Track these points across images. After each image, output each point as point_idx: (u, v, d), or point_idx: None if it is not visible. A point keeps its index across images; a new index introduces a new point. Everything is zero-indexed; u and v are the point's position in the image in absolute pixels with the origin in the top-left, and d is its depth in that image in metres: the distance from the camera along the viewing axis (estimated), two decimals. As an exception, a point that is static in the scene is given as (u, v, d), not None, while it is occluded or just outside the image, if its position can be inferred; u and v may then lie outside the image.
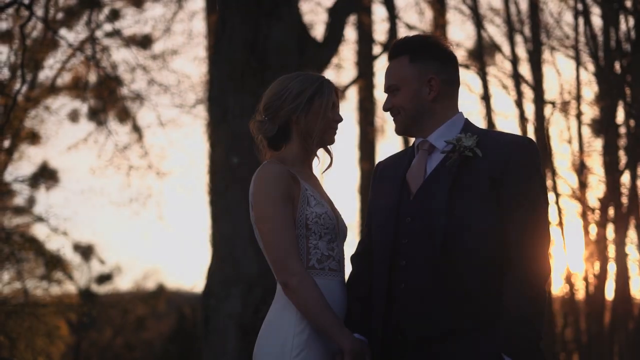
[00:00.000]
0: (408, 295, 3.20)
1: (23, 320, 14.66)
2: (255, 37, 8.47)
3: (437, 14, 12.30)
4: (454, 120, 3.37)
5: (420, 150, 3.38)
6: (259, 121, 3.55)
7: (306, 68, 7.31)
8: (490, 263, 3.14)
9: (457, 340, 3.12)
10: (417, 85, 3.34)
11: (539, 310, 3.09)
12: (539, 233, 3.16)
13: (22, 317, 13.73)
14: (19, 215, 17.98)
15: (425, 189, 3.28)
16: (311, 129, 3.46)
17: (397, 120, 3.41)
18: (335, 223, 3.42)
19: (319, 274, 3.34)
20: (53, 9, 14.48)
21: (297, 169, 3.47)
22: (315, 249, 3.35)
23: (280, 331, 3.28)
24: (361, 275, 3.44)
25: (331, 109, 3.50)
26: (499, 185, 3.16)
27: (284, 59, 8.42)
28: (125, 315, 23.08)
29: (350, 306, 3.39)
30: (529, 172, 3.19)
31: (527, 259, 3.11)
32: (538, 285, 3.11)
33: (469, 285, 3.12)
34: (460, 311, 3.12)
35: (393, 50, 3.43)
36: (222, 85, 8.62)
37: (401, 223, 3.28)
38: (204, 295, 8.98)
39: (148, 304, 23.04)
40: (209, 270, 8.97)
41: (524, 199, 3.15)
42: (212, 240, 9.02)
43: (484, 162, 3.20)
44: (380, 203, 3.44)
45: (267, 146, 3.56)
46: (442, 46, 3.41)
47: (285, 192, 3.31)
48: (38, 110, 15.99)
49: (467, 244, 3.14)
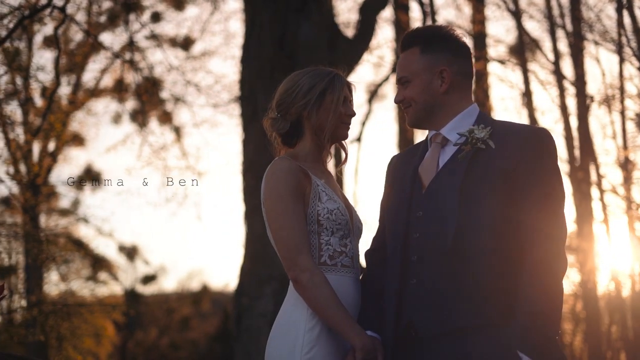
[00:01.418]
0: (419, 291, 3.15)
1: (70, 321, 14.85)
2: (284, 34, 8.47)
3: (475, 10, 12.16)
4: (467, 112, 3.31)
5: (433, 144, 3.33)
6: (272, 118, 3.53)
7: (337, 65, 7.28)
8: (503, 257, 3.06)
9: (470, 337, 3.05)
10: (429, 77, 3.28)
11: (555, 306, 3.01)
12: (555, 226, 3.07)
13: (69, 318, 13.90)
14: (64, 216, 18.23)
15: (437, 182, 3.22)
16: (323, 125, 3.43)
17: (408, 113, 3.36)
18: (348, 219, 3.38)
19: (331, 270, 3.30)
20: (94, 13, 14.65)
21: (310, 164, 3.44)
22: (327, 245, 3.31)
23: (292, 328, 3.25)
24: (374, 271, 3.39)
25: (343, 104, 3.46)
26: (512, 177, 3.08)
27: (313, 55, 8.39)
28: (171, 315, 23.28)
29: (363, 303, 3.35)
30: (544, 163, 3.11)
31: (543, 253, 3.02)
32: (554, 279, 3.02)
33: (482, 280, 3.05)
34: (473, 307, 3.05)
35: (404, 41, 3.38)
36: (252, 84, 8.64)
37: (412, 217, 3.22)
38: (236, 294, 8.98)
39: (193, 303, 23.22)
40: (242, 269, 8.98)
41: (538, 191, 3.07)
42: (245, 239, 9.03)
43: (497, 153, 3.13)
44: (392, 197, 3.39)
45: (281, 143, 3.54)
46: (454, 37, 3.34)
47: (296, 188, 3.28)
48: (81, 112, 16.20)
49: (480, 238, 3.07)
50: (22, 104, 14.46)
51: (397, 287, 3.19)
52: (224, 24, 16.77)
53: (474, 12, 12.39)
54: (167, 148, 13.78)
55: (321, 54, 8.61)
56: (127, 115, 16.02)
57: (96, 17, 14.79)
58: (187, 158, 13.62)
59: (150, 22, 15.96)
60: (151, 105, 14.21)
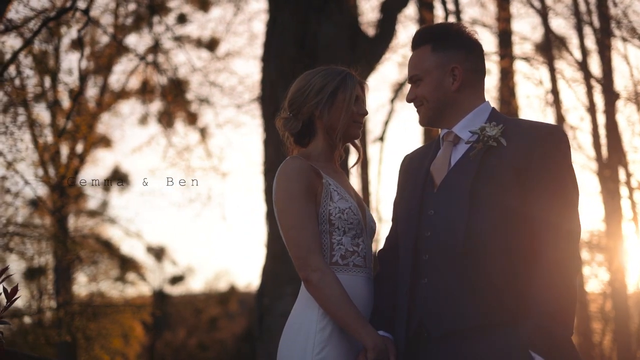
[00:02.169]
0: (430, 290, 3.11)
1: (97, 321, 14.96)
2: (305, 33, 8.45)
3: (500, 8, 12.08)
4: (479, 109, 3.27)
5: (445, 142, 3.29)
6: (284, 118, 3.52)
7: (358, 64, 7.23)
8: (515, 256, 3.02)
9: (482, 336, 3.01)
10: (440, 75, 3.25)
11: (569, 305, 2.95)
12: (567, 223, 3.02)
13: (96, 319, 14.02)
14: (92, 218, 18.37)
15: (448, 181, 3.19)
16: (334, 124, 3.41)
17: (420, 112, 3.33)
18: (360, 218, 3.36)
19: (342, 269, 3.28)
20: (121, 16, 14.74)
21: (322, 164, 3.42)
22: (339, 245, 3.29)
23: (303, 328, 3.24)
24: (387, 271, 3.37)
25: (355, 103, 3.44)
26: (524, 174, 3.04)
27: (334, 55, 8.36)
28: (198, 316, 23.38)
29: (376, 302, 3.32)
30: (556, 161, 3.06)
31: (555, 252, 2.97)
32: (567, 278, 2.96)
33: (494, 279, 3.01)
34: (484, 306, 3.01)
35: (415, 39, 3.35)
36: (273, 83, 8.64)
37: (424, 216, 3.19)
38: (257, 295, 8.98)
39: (220, 304, 23.30)
40: (264, 270, 8.98)
41: (550, 189, 3.02)
42: (266, 239, 9.03)
43: (508, 151, 3.09)
44: (405, 196, 3.36)
45: (293, 142, 3.52)
46: (465, 34, 3.30)
47: (306, 187, 3.27)
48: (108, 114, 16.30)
49: (491, 237, 3.03)
50: (50, 106, 14.58)
51: (408, 287, 3.17)
52: (247, 25, 16.81)
53: (499, 9, 12.31)
54: (191, 149, 13.82)
55: (342, 53, 8.59)
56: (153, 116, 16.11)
57: (123, 19, 14.89)
58: (211, 158, 13.67)
59: (176, 24, 16.06)
60: (176, 107, 14.27)
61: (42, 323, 15.55)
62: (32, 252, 15.51)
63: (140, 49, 13.89)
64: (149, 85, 14.47)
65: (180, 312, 23.10)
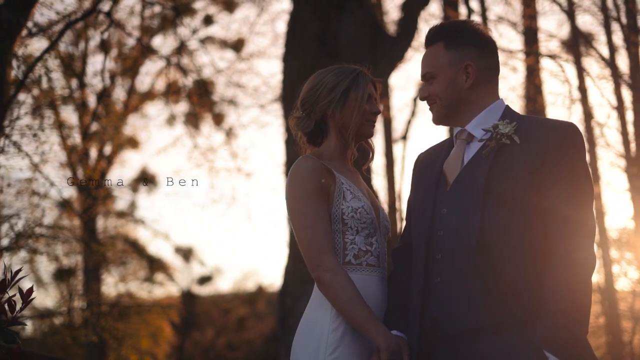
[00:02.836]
0: (444, 290, 3.09)
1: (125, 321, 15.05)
2: (326, 32, 8.43)
3: (525, 5, 11.98)
4: (493, 107, 3.24)
5: (459, 140, 3.27)
6: (297, 117, 3.51)
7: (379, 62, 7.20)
8: (529, 254, 2.99)
9: (495, 336, 2.98)
10: (453, 73, 3.22)
11: (584, 303, 2.92)
12: (581, 220, 2.98)
13: (122, 319, 14.10)
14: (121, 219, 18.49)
15: (461, 179, 3.16)
16: (347, 123, 3.39)
17: (433, 110, 3.30)
18: (373, 217, 3.34)
19: (355, 269, 3.26)
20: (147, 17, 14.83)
21: (335, 163, 3.40)
22: (352, 244, 3.28)
23: (316, 328, 3.22)
24: (401, 270, 3.35)
25: (368, 102, 3.42)
26: (537, 171, 3.01)
27: (355, 53, 8.33)
28: (227, 316, 23.45)
29: (390, 301, 3.30)
30: (569, 158, 3.03)
31: (569, 249, 2.94)
32: (582, 276, 2.93)
33: (507, 278, 2.98)
34: (498, 305, 2.98)
35: (428, 37, 3.32)
36: (294, 83, 8.63)
37: (437, 215, 3.17)
38: (280, 295, 8.99)
39: (248, 304, 23.35)
40: (286, 270, 8.98)
41: (563, 185, 2.99)
42: (289, 239, 9.03)
43: (522, 148, 3.06)
44: (418, 195, 3.34)
45: (306, 142, 3.51)
46: (478, 31, 3.28)
47: (319, 187, 3.25)
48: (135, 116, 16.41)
49: (504, 235, 3.00)
50: (78, 108, 14.71)
51: (422, 286, 3.14)
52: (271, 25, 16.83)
53: (524, 7, 12.20)
54: (215, 149, 13.86)
55: (363, 51, 8.55)
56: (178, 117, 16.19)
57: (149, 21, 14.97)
58: (236, 159, 13.70)
59: (202, 25, 16.12)
60: (202, 108, 14.32)
61: (72, 324, 15.68)
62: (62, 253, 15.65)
63: (165, 51, 13.95)
64: (175, 87, 14.53)
65: (208, 313, 23.18)
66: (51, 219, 15.33)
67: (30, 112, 9.77)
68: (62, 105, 13.02)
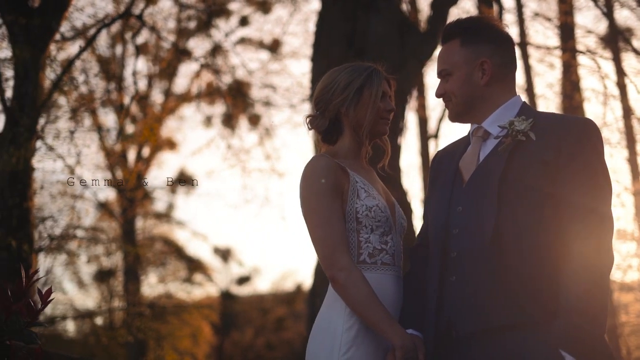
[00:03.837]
0: (459, 289, 3.05)
1: (163, 322, 15.16)
2: (354, 31, 8.40)
3: (561, 1, 11.83)
4: (509, 104, 3.20)
5: (475, 137, 3.23)
6: (312, 116, 3.50)
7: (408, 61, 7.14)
8: (545, 253, 2.94)
9: (511, 335, 2.94)
10: (469, 70, 3.19)
11: (601, 302, 2.86)
12: (599, 219, 2.92)
13: (160, 319, 14.21)
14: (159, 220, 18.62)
15: (476, 177, 3.12)
16: (361, 121, 3.36)
17: (449, 107, 3.27)
18: (388, 215, 3.31)
19: (370, 268, 3.23)
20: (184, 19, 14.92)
21: (350, 161, 3.38)
22: (367, 243, 3.25)
23: (330, 328, 3.19)
24: (417, 268, 3.32)
25: (382, 99, 3.39)
26: (553, 168, 2.96)
27: (383, 52, 8.26)
28: (265, 316, 23.50)
29: (406, 300, 3.27)
30: (587, 155, 2.98)
31: (586, 247, 2.88)
32: (599, 274, 2.87)
33: (523, 277, 2.93)
34: (513, 305, 2.93)
35: (444, 34, 3.29)
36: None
37: (452, 213, 3.13)
38: (310, 295, 8.96)
39: (287, 304, 23.39)
40: (315, 270, 8.95)
41: (580, 180, 2.94)
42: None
43: (538, 145, 3.01)
44: (435, 193, 3.31)
45: (321, 140, 3.49)
46: (495, 28, 3.24)
47: (332, 185, 3.23)
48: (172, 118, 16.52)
49: (520, 233, 2.95)
50: (116, 111, 14.84)
51: (437, 285, 3.11)
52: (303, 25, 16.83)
53: (560, 2, 12.06)
54: (248, 150, 13.91)
55: (391, 50, 8.49)
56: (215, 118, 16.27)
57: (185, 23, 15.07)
58: (270, 160, 13.73)
59: (238, 27, 16.19)
60: (237, 109, 14.37)
61: (112, 324, 15.83)
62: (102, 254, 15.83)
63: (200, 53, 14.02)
64: (210, 88, 14.61)
65: (247, 313, 23.25)
66: (91, 221, 15.50)
67: (69, 115, 9.88)
68: (101, 107, 13.18)
